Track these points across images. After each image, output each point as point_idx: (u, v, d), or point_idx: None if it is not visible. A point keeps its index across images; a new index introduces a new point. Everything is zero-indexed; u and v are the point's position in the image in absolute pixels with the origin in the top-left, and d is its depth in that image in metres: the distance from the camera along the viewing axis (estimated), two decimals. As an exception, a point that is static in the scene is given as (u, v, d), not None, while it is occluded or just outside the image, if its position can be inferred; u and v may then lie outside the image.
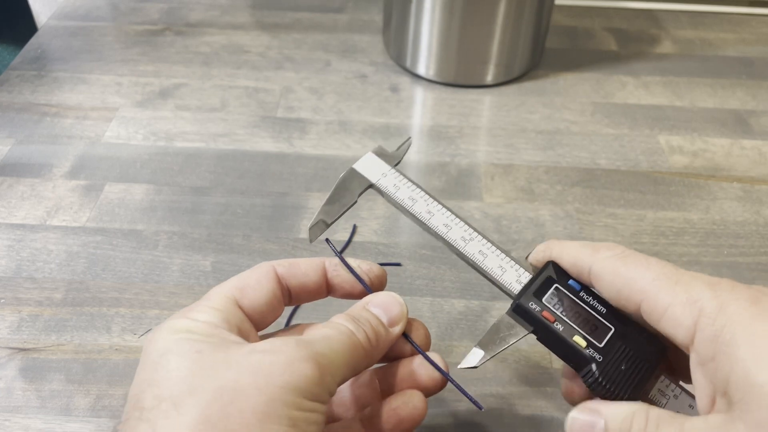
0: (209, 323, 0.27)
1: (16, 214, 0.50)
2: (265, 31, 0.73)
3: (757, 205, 0.53)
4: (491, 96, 0.65)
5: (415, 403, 0.30)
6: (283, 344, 0.26)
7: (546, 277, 0.31)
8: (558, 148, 0.58)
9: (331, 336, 0.28)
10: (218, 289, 0.29)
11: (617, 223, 0.51)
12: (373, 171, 0.35)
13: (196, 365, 0.25)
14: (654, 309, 0.26)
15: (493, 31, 0.62)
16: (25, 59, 0.67)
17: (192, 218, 0.50)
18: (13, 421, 0.37)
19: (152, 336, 0.27)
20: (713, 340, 0.24)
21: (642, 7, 0.80)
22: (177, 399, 0.24)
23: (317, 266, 0.32)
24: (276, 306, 0.30)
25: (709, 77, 0.68)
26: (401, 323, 0.30)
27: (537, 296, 0.30)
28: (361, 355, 0.28)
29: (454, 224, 0.33)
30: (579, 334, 0.29)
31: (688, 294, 0.26)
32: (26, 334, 0.42)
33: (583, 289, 0.31)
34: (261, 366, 0.25)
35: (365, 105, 0.63)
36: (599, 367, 0.28)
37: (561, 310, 0.30)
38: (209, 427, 0.23)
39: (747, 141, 0.60)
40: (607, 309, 0.30)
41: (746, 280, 0.47)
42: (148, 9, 0.75)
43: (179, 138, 0.58)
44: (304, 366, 0.25)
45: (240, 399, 0.24)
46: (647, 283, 0.27)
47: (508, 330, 0.30)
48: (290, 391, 0.24)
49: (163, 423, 0.23)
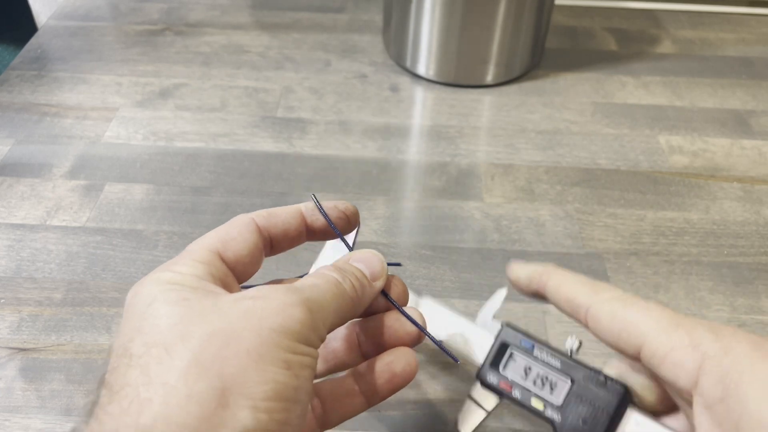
0: (193, 275, 0.26)
1: (16, 214, 0.50)
2: (265, 31, 0.73)
3: (757, 205, 0.53)
4: (491, 96, 0.65)
5: (407, 358, 0.31)
6: (273, 290, 0.26)
7: (501, 343, 0.31)
8: (558, 148, 0.58)
9: (319, 284, 0.28)
10: (200, 241, 0.29)
11: (617, 223, 0.51)
12: None
13: (185, 312, 0.24)
14: (655, 353, 0.26)
15: (493, 31, 0.62)
16: (25, 59, 0.67)
17: (192, 218, 0.50)
18: (13, 421, 0.37)
19: (136, 289, 0.26)
20: (721, 381, 0.24)
21: (642, 7, 0.80)
22: (168, 345, 0.23)
23: (296, 212, 0.32)
24: (258, 257, 0.30)
25: (709, 77, 0.68)
26: (382, 278, 0.31)
27: (493, 366, 0.31)
28: (348, 303, 0.29)
29: None
30: (536, 397, 0.30)
31: (690, 338, 0.25)
32: (26, 334, 0.42)
33: (535, 345, 0.31)
34: (252, 311, 0.25)
35: (365, 105, 0.63)
36: (559, 428, 0.29)
37: (517, 375, 0.31)
38: (204, 370, 0.23)
39: (747, 141, 0.60)
40: (561, 362, 0.30)
41: (746, 280, 0.47)
42: (148, 9, 0.75)
43: (179, 138, 0.58)
44: (296, 310, 0.25)
45: (233, 342, 0.24)
46: (648, 327, 0.26)
47: (484, 400, 0.31)
48: (283, 334, 0.24)
49: (156, 368, 0.23)
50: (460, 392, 0.40)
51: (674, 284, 0.47)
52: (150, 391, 0.23)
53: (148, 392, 0.23)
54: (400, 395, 0.39)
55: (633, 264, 0.48)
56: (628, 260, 0.48)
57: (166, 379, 0.23)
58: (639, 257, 0.48)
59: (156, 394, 0.22)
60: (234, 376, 0.23)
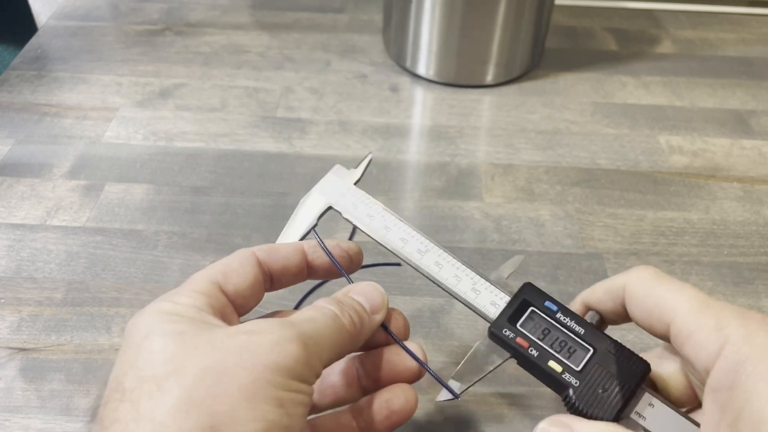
0: (193, 306, 0.26)
1: (16, 214, 0.50)
2: (265, 31, 0.73)
3: (757, 205, 0.53)
4: (491, 96, 0.65)
5: (407, 395, 0.31)
6: (268, 325, 0.26)
7: (521, 300, 0.30)
8: (558, 148, 0.58)
9: (316, 318, 0.27)
10: (201, 273, 0.29)
11: (617, 223, 0.51)
12: (332, 192, 0.35)
13: (179, 346, 0.24)
14: (681, 331, 0.26)
15: (493, 31, 0.62)
16: (25, 59, 0.67)
17: (192, 218, 0.50)
18: (13, 421, 0.37)
19: (135, 320, 0.26)
20: (734, 369, 0.24)
21: (642, 7, 0.80)
22: (160, 380, 0.23)
23: (297, 249, 0.32)
24: (258, 291, 0.30)
25: (709, 77, 0.68)
26: (382, 311, 0.31)
27: (511, 321, 0.30)
28: (346, 338, 0.28)
29: (410, 237, 0.33)
30: (554, 359, 0.29)
31: (717, 320, 0.25)
32: (26, 334, 0.42)
33: (560, 309, 0.30)
34: (247, 346, 0.24)
35: (365, 105, 0.63)
36: (576, 392, 0.28)
37: (536, 334, 0.29)
38: (194, 407, 0.23)
39: (747, 141, 0.60)
40: (585, 330, 0.29)
41: (746, 280, 0.47)
42: (148, 9, 0.75)
43: (179, 138, 0.58)
44: (291, 346, 0.25)
45: (225, 379, 0.23)
46: (678, 305, 0.27)
47: (486, 358, 0.30)
48: (277, 371, 0.24)
49: (146, 404, 0.23)
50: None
51: (674, 284, 0.47)
52: (139, 426, 0.22)
53: (137, 428, 0.22)
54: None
55: (633, 264, 0.48)
56: (628, 260, 0.48)
57: (154, 416, 0.22)
58: (639, 257, 0.48)
59: (144, 430, 0.22)
60: (224, 414, 0.23)
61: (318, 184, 0.35)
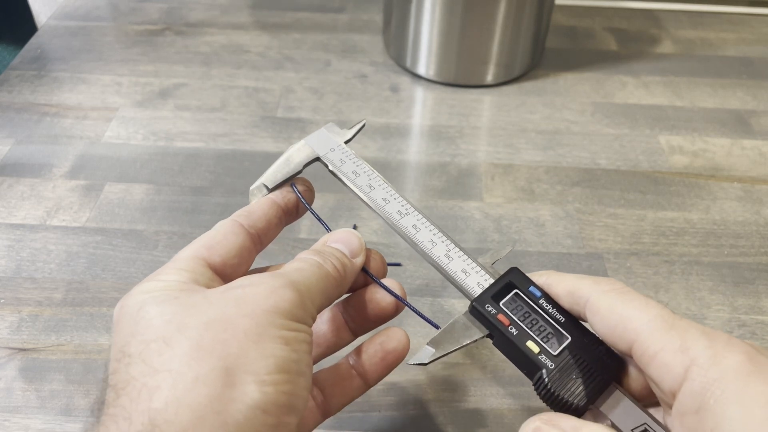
0: (179, 281, 0.27)
1: (16, 214, 0.50)
2: (265, 31, 0.73)
3: (757, 205, 0.53)
4: (491, 96, 0.65)
5: (398, 336, 0.32)
6: (259, 277, 0.27)
7: (506, 282, 0.31)
8: (558, 148, 0.58)
9: (302, 267, 0.29)
10: (185, 250, 0.29)
11: (617, 223, 0.51)
12: (322, 145, 0.36)
13: (177, 308, 0.25)
14: (645, 352, 0.25)
15: (493, 31, 0.62)
16: (25, 59, 0.67)
17: (192, 218, 0.50)
18: (13, 421, 0.37)
19: (123, 302, 0.26)
20: (701, 393, 0.23)
21: (642, 7, 0.80)
22: (167, 337, 0.24)
23: (272, 203, 0.33)
24: (246, 256, 0.31)
25: (709, 77, 0.68)
26: (362, 254, 0.32)
27: (495, 299, 0.30)
28: (332, 283, 0.29)
29: (392, 198, 0.34)
30: (533, 340, 0.29)
31: (682, 341, 0.25)
32: (26, 334, 0.42)
33: (544, 296, 0.30)
34: (243, 297, 0.26)
35: (365, 105, 0.63)
36: (549, 373, 0.28)
37: (518, 315, 0.30)
38: (206, 354, 0.23)
39: (747, 141, 0.60)
40: (566, 318, 0.29)
41: (746, 280, 0.47)
42: (148, 9, 0.75)
43: (179, 138, 0.58)
44: (285, 291, 0.26)
45: (229, 327, 0.24)
46: (642, 324, 0.26)
47: (464, 331, 0.30)
48: (276, 313, 0.25)
49: (158, 359, 0.23)
50: (460, 393, 0.40)
51: (674, 284, 0.47)
52: (157, 379, 0.23)
53: (155, 380, 0.23)
54: (400, 397, 0.39)
55: (633, 264, 0.48)
56: (628, 260, 0.48)
57: (170, 367, 0.23)
58: (639, 257, 0.48)
59: (163, 381, 0.23)
60: (236, 356, 0.24)
61: (309, 135, 0.36)
